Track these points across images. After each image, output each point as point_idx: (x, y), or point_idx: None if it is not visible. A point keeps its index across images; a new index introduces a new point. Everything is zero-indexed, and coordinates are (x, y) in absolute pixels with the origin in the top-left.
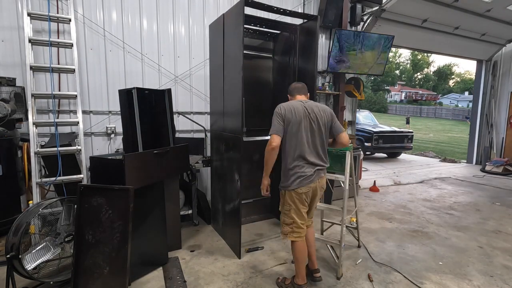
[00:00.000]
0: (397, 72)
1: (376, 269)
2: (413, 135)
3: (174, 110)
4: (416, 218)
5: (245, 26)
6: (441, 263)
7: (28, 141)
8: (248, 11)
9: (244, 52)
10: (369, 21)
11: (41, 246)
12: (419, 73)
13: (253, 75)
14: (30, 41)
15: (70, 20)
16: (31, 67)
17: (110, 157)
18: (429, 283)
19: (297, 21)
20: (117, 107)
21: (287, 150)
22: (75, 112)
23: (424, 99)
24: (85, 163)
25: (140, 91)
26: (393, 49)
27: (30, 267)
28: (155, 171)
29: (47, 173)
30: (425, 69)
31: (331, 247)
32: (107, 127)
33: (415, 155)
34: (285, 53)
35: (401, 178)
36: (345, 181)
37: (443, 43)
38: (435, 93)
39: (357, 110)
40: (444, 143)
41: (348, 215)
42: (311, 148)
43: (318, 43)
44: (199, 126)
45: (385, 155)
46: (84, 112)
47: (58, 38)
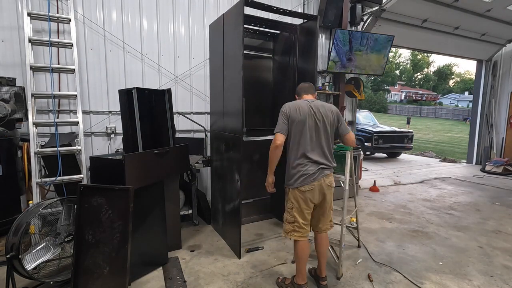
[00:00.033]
0: (397, 72)
1: (376, 269)
2: (413, 135)
3: (174, 110)
4: (416, 218)
5: (245, 26)
6: (441, 263)
7: (28, 141)
8: (248, 11)
9: (244, 52)
10: (369, 21)
11: (41, 246)
12: (419, 73)
13: (253, 75)
14: (30, 41)
15: (70, 20)
16: (31, 67)
17: (110, 157)
18: (429, 283)
19: (297, 21)
20: (117, 107)
21: (291, 148)
22: (75, 112)
23: (424, 99)
24: (85, 163)
25: (140, 91)
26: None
27: (30, 267)
28: (155, 171)
29: (47, 173)
30: (425, 69)
31: (331, 247)
32: (107, 127)
33: (415, 155)
34: (285, 53)
35: (401, 178)
36: (345, 181)
37: (443, 43)
38: (435, 93)
39: (357, 110)
40: (444, 143)
41: (348, 215)
42: (316, 147)
43: (318, 43)
44: (199, 126)
45: (385, 155)
46: (84, 112)
47: (58, 38)
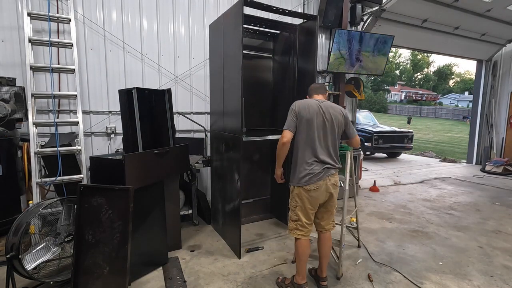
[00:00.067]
0: (397, 72)
1: (376, 269)
2: (413, 135)
3: (174, 110)
4: (416, 218)
5: (245, 26)
6: (441, 263)
7: (28, 141)
8: (247, 11)
9: (244, 52)
10: (369, 21)
11: (41, 246)
12: (419, 73)
13: (253, 75)
14: (30, 41)
15: (70, 20)
16: (31, 67)
17: (110, 157)
18: (429, 283)
19: (297, 21)
20: (117, 107)
21: (298, 146)
22: (75, 112)
23: (424, 99)
24: (85, 163)
25: (140, 91)
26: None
27: (30, 267)
28: (155, 171)
29: (47, 173)
30: (425, 69)
31: (331, 247)
32: (107, 127)
33: (415, 155)
34: (285, 53)
35: (401, 178)
36: (345, 181)
37: (443, 43)
38: (435, 93)
39: (357, 110)
40: (444, 143)
41: (348, 215)
42: (322, 146)
43: (317, 43)
44: (199, 126)
45: (385, 155)
46: (84, 112)
47: (58, 38)
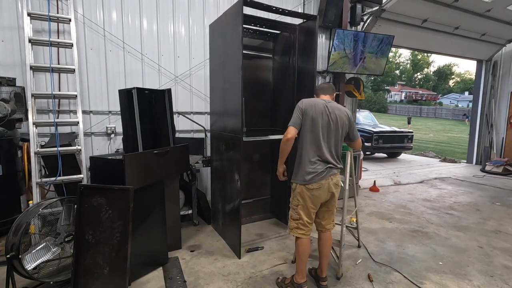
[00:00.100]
0: (397, 72)
1: (376, 269)
2: (413, 135)
3: (174, 110)
4: (416, 218)
5: (244, 26)
6: (441, 263)
7: (28, 141)
8: (247, 11)
9: (244, 52)
10: (369, 21)
11: (41, 246)
12: (419, 73)
13: (253, 75)
14: (30, 41)
15: (70, 20)
16: (31, 67)
17: (110, 157)
18: (429, 283)
19: (297, 21)
20: (117, 107)
21: (302, 144)
22: (75, 112)
23: (424, 99)
24: (85, 163)
25: (140, 91)
26: (393, 49)
27: (30, 267)
28: (155, 171)
29: (47, 173)
30: (425, 69)
31: (331, 247)
32: (107, 127)
33: (415, 155)
34: (285, 53)
35: (401, 178)
36: (345, 181)
37: (443, 43)
38: (435, 93)
39: (357, 110)
40: (444, 143)
41: (348, 215)
42: (326, 145)
43: (317, 43)
44: (199, 126)
45: (385, 155)
46: (84, 112)
47: (58, 38)
